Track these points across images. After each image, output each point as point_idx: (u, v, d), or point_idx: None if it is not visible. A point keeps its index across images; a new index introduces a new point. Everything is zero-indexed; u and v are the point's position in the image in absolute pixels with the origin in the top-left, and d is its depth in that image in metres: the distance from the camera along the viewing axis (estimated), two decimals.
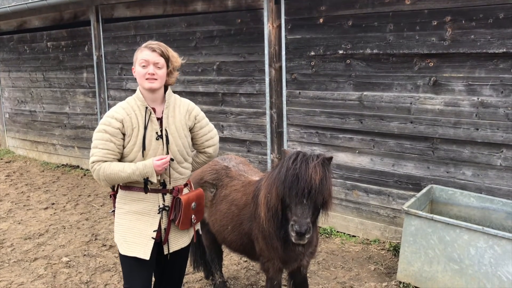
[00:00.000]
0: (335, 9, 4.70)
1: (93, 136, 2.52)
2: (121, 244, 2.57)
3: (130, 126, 2.47)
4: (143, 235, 2.55)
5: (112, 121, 2.46)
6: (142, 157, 2.48)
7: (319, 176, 2.43)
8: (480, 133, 4.06)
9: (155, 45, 2.49)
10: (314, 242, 2.97)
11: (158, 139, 2.51)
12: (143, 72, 2.45)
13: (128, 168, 2.44)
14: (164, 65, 2.50)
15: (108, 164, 2.45)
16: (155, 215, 2.57)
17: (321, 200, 2.50)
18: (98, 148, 2.45)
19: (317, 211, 2.58)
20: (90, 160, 2.48)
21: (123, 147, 2.49)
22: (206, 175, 3.44)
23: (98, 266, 4.39)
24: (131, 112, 2.49)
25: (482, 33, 3.91)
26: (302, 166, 2.46)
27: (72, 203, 6.35)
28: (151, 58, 2.45)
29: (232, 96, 5.82)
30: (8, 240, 5.06)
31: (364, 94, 4.67)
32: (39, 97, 8.75)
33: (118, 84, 7.22)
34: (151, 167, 2.44)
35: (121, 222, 2.59)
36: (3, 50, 9.32)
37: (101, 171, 2.44)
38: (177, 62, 2.59)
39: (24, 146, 9.45)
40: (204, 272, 4.04)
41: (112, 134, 2.44)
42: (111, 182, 2.50)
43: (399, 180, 4.61)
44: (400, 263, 3.86)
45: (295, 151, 2.61)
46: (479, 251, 3.38)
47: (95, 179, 2.50)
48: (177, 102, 2.65)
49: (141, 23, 6.65)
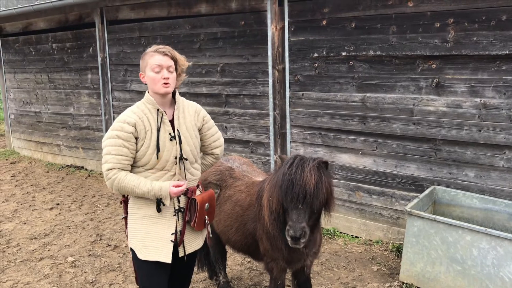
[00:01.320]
0: (338, 11, 4.73)
1: (103, 143, 2.48)
2: (140, 250, 2.54)
3: (143, 130, 2.46)
4: (161, 238, 2.53)
5: (124, 126, 2.43)
6: (156, 159, 2.47)
7: (313, 181, 2.44)
8: (483, 134, 4.08)
9: (165, 49, 2.47)
10: (317, 242, 3.00)
11: (172, 140, 2.51)
12: (157, 77, 2.44)
13: (143, 186, 2.43)
14: (174, 68, 2.51)
15: (124, 175, 2.43)
16: (171, 217, 2.56)
17: (318, 204, 2.50)
18: (112, 155, 2.42)
19: (316, 214, 2.58)
20: (104, 168, 2.44)
21: (136, 151, 2.47)
22: (210, 176, 3.47)
23: (103, 266, 4.43)
24: (143, 116, 2.48)
25: (484, 35, 3.93)
26: (297, 171, 2.49)
27: (77, 203, 6.40)
28: (164, 63, 2.44)
29: (236, 98, 5.86)
30: (14, 240, 5.11)
31: (367, 96, 4.70)
32: (44, 98, 8.82)
33: (123, 86, 7.27)
34: (167, 192, 2.45)
35: (137, 228, 2.56)
36: (9, 52, 9.39)
37: (115, 182, 2.42)
38: (184, 65, 2.60)
39: (29, 147, 9.51)
40: (208, 272, 4.07)
41: (125, 139, 2.42)
42: (123, 193, 2.51)
43: (402, 181, 4.63)
44: (403, 263, 3.88)
45: (293, 156, 2.64)
46: (482, 252, 3.40)
47: (108, 186, 2.47)
48: (185, 104, 2.68)
49: (145, 25, 6.70)
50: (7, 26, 9.25)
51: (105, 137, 2.49)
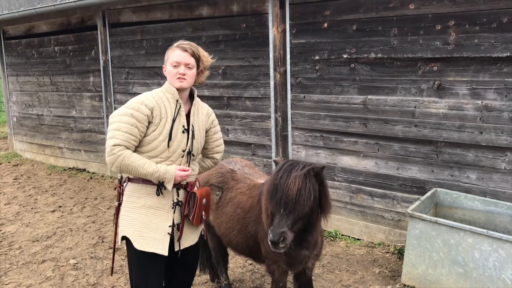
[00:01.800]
0: (340, 13, 4.74)
1: (113, 118, 2.45)
2: (137, 239, 2.51)
3: (159, 116, 2.48)
4: (159, 230, 2.53)
5: (141, 107, 2.44)
6: (166, 147, 2.49)
7: (296, 187, 2.45)
8: (484, 136, 4.08)
9: (186, 45, 2.53)
10: (319, 245, 3.00)
11: (184, 133, 2.55)
12: (174, 71, 2.50)
13: (148, 166, 2.43)
14: (195, 65, 2.55)
15: (130, 153, 2.42)
16: (169, 209, 2.57)
17: (302, 211, 2.48)
18: (121, 131, 2.40)
19: (303, 220, 2.56)
20: (110, 142, 2.41)
21: (145, 135, 2.48)
22: (212, 178, 3.48)
23: (105, 268, 4.44)
24: (161, 102, 2.51)
25: (485, 37, 3.94)
26: (283, 177, 2.51)
27: (79, 206, 6.41)
28: (182, 59, 2.49)
29: (237, 100, 5.87)
30: (17, 243, 5.12)
31: (369, 98, 4.70)
32: (46, 101, 8.85)
33: (125, 88, 7.29)
34: (172, 174, 2.47)
35: (134, 217, 2.54)
36: (11, 55, 9.43)
37: (119, 158, 2.39)
38: (208, 62, 2.66)
39: (31, 150, 9.54)
40: (210, 274, 4.07)
41: (139, 120, 2.43)
42: (125, 171, 2.48)
43: (403, 183, 4.63)
44: (405, 266, 3.88)
45: (285, 161, 2.67)
46: (484, 254, 3.39)
47: (108, 162, 2.44)
48: (199, 103, 2.74)
49: (147, 28, 6.72)
50: (9, 29, 9.29)
51: (116, 112, 2.47)
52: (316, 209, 2.66)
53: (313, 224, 2.74)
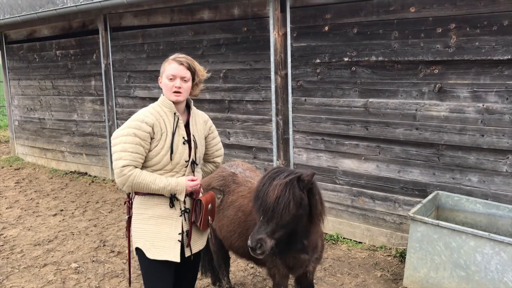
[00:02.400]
0: (340, 17, 4.75)
1: (116, 139, 2.48)
2: (149, 249, 2.58)
3: (160, 131, 2.53)
4: (170, 238, 2.60)
5: (142, 125, 2.48)
6: (169, 160, 2.54)
7: (275, 195, 2.46)
8: (486, 139, 4.08)
9: (182, 58, 2.56)
10: (319, 248, 3.00)
11: (184, 144, 2.60)
12: (170, 85, 2.53)
13: (159, 181, 2.50)
14: (190, 78, 2.59)
15: (139, 171, 2.47)
16: (177, 218, 2.63)
17: (281, 219, 2.47)
18: (128, 152, 2.44)
19: (285, 227, 2.53)
20: (118, 164, 2.44)
21: (149, 151, 2.53)
22: (213, 182, 3.49)
23: (107, 272, 4.44)
24: (159, 118, 2.55)
25: (486, 40, 3.94)
26: (266, 184, 2.54)
27: (80, 209, 6.42)
28: (178, 72, 2.52)
29: (239, 103, 5.88)
30: (18, 246, 5.12)
31: (370, 101, 4.70)
32: (48, 105, 8.87)
33: (126, 92, 7.31)
34: (184, 186, 2.54)
35: (145, 227, 2.60)
36: (13, 59, 9.46)
37: (131, 178, 2.44)
38: (203, 76, 2.71)
39: (33, 153, 9.55)
40: (211, 278, 4.07)
41: (142, 138, 2.47)
42: (136, 189, 2.53)
43: (405, 186, 4.63)
44: (407, 269, 3.87)
45: (272, 168, 2.69)
46: (486, 257, 3.38)
47: (118, 183, 2.48)
48: (196, 113, 2.79)
49: (148, 32, 6.74)
50: (11, 34, 9.33)
51: (118, 133, 2.50)
52: (305, 217, 2.63)
53: (307, 230, 2.73)
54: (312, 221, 2.68)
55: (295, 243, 2.75)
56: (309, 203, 2.62)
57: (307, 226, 2.70)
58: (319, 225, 2.81)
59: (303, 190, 2.56)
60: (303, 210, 2.58)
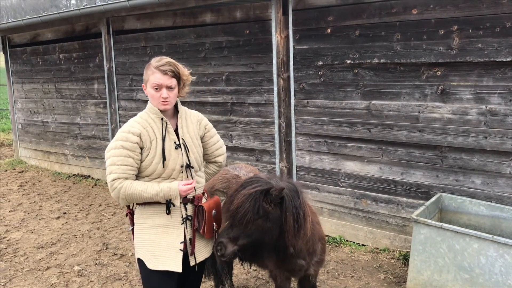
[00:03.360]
0: (343, 19, 4.75)
1: (107, 154, 2.47)
2: (149, 259, 2.53)
3: (148, 139, 2.48)
4: (171, 247, 2.53)
5: (129, 136, 2.44)
6: (162, 167, 2.49)
7: (236, 204, 2.48)
8: (489, 141, 4.06)
9: (166, 66, 2.46)
10: (318, 251, 2.99)
11: (177, 148, 2.54)
12: (156, 95, 2.47)
13: (151, 189, 2.44)
14: (176, 84, 2.52)
15: (130, 182, 2.43)
16: (179, 226, 2.57)
17: (243, 228, 2.47)
18: (117, 165, 2.42)
19: (251, 237, 2.50)
20: (109, 178, 2.43)
21: (141, 161, 2.49)
22: (217, 184, 3.49)
23: (109, 275, 4.44)
24: (147, 126, 2.51)
25: (489, 41, 3.93)
26: (237, 190, 2.56)
27: (83, 212, 6.43)
28: (163, 82, 2.45)
29: (241, 106, 5.88)
30: (21, 249, 5.13)
31: (372, 103, 4.70)
32: (51, 108, 8.90)
33: (129, 95, 7.33)
34: (176, 191, 2.46)
35: (145, 237, 2.56)
36: (17, 62, 9.50)
37: (122, 190, 2.41)
38: (188, 80, 2.62)
39: (36, 157, 9.58)
40: (214, 280, 4.06)
41: (131, 149, 2.43)
42: (131, 201, 2.49)
43: (408, 188, 4.61)
44: (410, 272, 3.85)
45: (251, 177, 2.69)
46: (490, 260, 3.37)
47: (113, 197, 2.46)
48: (187, 113, 2.71)
49: (151, 35, 6.76)
50: (15, 37, 9.37)
51: (108, 147, 2.49)
52: (277, 230, 2.55)
53: (286, 241, 2.61)
54: (284, 236, 2.57)
55: (277, 251, 2.67)
56: (284, 219, 2.53)
57: (284, 238, 2.59)
58: (298, 239, 2.66)
59: (271, 204, 2.50)
60: (271, 224, 2.51)
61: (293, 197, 2.55)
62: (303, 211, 2.57)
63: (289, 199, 2.52)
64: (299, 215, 2.54)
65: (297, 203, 2.55)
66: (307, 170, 5.33)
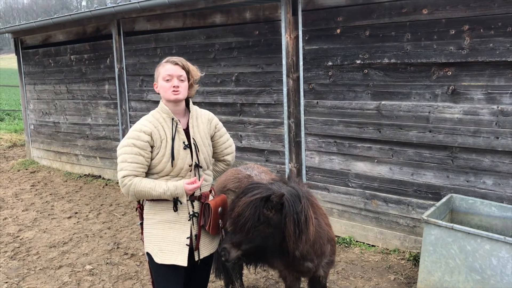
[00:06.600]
0: (352, 19, 4.74)
1: (118, 151, 2.56)
2: (157, 254, 2.62)
3: (159, 139, 2.55)
4: (177, 242, 2.62)
5: (140, 135, 2.52)
6: (171, 167, 2.56)
7: (237, 211, 2.51)
8: (501, 141, 4.03)
9: (176, 58, 2.59)
10: (327, 253, 2.99)
11: (185, 149, 2.60)
12: (167, 85, 2.55)
13: (159, 187, 2.52)
14: (186, 77, 2.61)
15: (139, 180, 2.51)
16: (186, 222, 2.64)
17: (245, 234, 2.49)
18: (128, 162, 2.50)
19: (253, 242, 2.52)
20: (119, 175, 2.52)
21: (151, 159, 2.56)
22: (229, 183, 3.52)
23: (121, 274, 4.48)
24: (158, 125, 2.58)
25: (501, 41, 3.90)
26: (239, 196, 2.59)
27: (94, 212, 6.49)
28: (174, 72, 2.54)
29: (251, 107, 5.90)
30: (34, 248, 5.20)
31: (382, 104, 4.68)
32: (62, 109, 8.99)
33: (139, 96, 7.38)
34: (182, 189, 2.53)
35: (153, 232, 2.65)
36: (29, 64, 9.62)
37: (131, 187, 2.50)
38: (197, 75, 2.70)
39: (48, 157, 9.69)
40: (225, 280, 4.08)
41: (141, 148, 2.51)
42: (140, 197, 2.58)
43: (418, 189, 4.59)
44: (420, 273, 3.84)
45: (251, 183, 2.71)
46: (501, 261, 3.34)
47: (123, 193, 2.55)
48: (198, 113, 2.77)
49: (161, 36, 6.81)
50: (27, 39, 9.49)
51: (120, 145, 2.57)
52: (280, 235, 2.56)
53: (291, 247, 2.61)
54: (285, 240, 2.57)
55: (283, 254, 2.68)
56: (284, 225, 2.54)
57: (286, 242, 2.59)
58: (302, 243, 2.64)
59: (272, 210, 2.52)
60: (273, 229, 2.53)
61: (294, 202, 2.54)
62: (304, 216, 2.55)
63: (289, 205, 2.52)
64: (300, 220, 2.53)
65: (298, 209, 2.53)
66: (317, 171, 5.32)
